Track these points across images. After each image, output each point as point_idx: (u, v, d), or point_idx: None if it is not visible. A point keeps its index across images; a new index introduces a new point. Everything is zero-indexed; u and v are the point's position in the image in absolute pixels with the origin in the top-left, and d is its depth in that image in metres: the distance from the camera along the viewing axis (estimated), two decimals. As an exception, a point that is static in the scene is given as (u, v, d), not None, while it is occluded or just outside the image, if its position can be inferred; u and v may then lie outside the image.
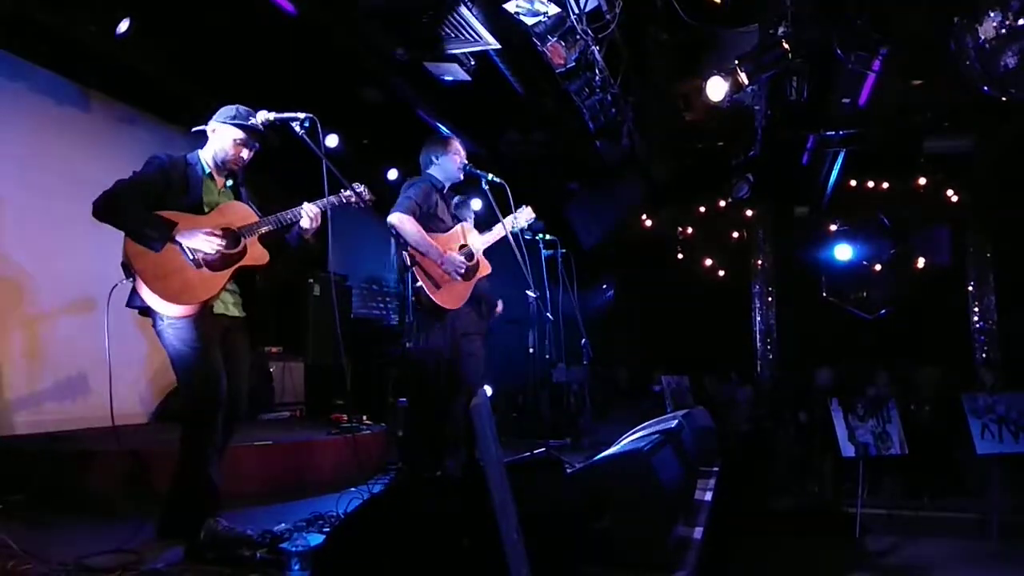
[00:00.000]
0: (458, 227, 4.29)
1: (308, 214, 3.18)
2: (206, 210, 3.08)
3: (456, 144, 4.28)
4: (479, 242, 4.29)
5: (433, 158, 4.27)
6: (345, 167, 3.49)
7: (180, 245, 2.91)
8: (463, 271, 4.09)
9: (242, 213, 3.15)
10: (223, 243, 2.98)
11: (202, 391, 2.95)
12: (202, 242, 2.93)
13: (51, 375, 4.91)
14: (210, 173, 3.16)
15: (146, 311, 2.95)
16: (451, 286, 4.07)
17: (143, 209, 2.90)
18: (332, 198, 3.28)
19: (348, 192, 3.33)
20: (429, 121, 6.62)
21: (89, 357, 4.89)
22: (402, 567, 1.93)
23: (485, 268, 4.33)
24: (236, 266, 3.05)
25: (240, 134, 3.13)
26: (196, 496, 2.93)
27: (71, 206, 2.89)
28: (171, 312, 2.91)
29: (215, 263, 2.98)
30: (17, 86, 4.88)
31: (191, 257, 2.93)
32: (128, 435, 4.59)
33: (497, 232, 4.34)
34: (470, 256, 4.22)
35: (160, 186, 3.00)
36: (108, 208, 2.86)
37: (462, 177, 4.29)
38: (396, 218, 3.96)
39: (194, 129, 3.23)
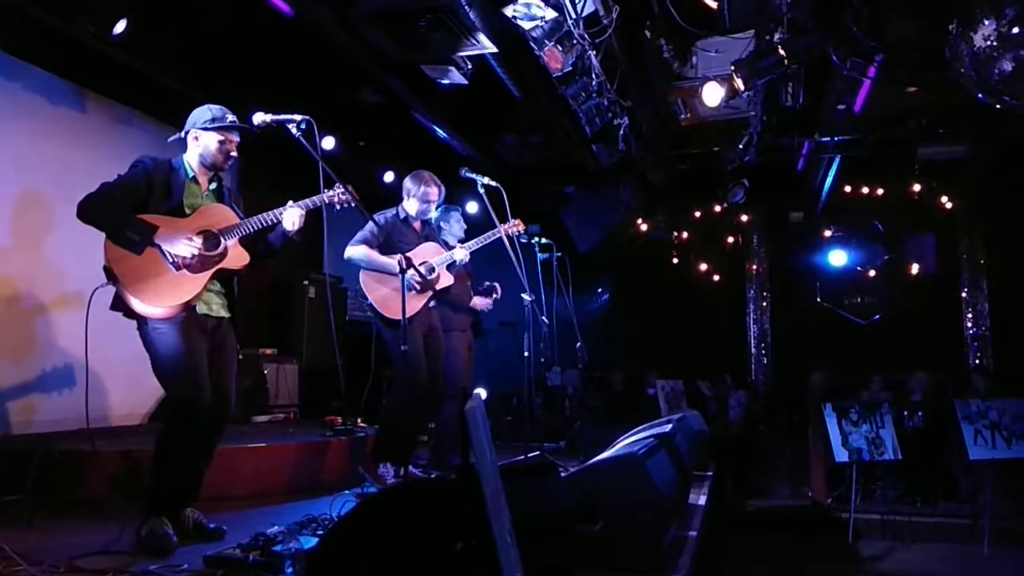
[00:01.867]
0: (424, 245, 4.43)
1: (291, 216, 3.18)
2: (187, 212, 3.08)
3: (425, 190, 4.41)
4: (442, 259, 4.42)
5: (410, 191, 4.47)
6: (342, 169, 3.49)
7: (160, 249, 2.92)
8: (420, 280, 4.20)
9: (223, 215, 3.15)
10: (201, 247, 3.00)
11: (183, 394, 2.94)
12: (181, 247, 2.94)
13: (45, 375, 4.88)
14: (194, 176, 3.17)
15: (130, 314, 2.95)
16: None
17: (125, 212, 2.92)
18: (315, 198, 3.27)
19: (331, 192, 3.31)
20: (426, 124, 6.62)
21: (83, 358, 4.86)
22: (395, 570, 1.92)
23: (446, 280, 4.43)
24: (215, 268, 3.06)
25: (222, 135, 3.14)
26: (169, 488, 2.95)
27: (67, 207, 2.89)
28: (153, 315, 2.92)
29: (195, 265, 2.99)
30: (13, 86, 4.87)
31: (171, 260, 2.94)
32: (122, 436, 4.58)
33: (458, 254, 4.49)
34: (431, 271, 4.31)
35: (143, 190, 3.02)
36: (90, 211, 2.89)
37: (427, 216, 4.55)
38: (347, 252, 4.28)
39: (170, 139, 3.24)
